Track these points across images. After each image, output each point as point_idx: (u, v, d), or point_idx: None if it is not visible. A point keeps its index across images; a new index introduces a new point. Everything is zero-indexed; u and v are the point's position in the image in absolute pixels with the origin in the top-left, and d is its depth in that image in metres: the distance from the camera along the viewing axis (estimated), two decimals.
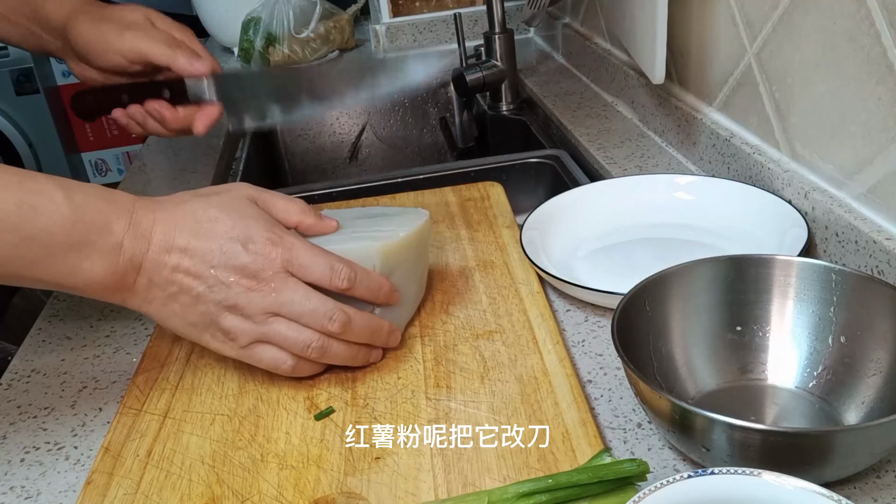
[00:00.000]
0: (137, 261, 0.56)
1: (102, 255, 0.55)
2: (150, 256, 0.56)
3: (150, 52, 0.77)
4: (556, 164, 1.05)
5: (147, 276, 0.57)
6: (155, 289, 0.57)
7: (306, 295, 0.57)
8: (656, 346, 0.57)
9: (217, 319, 0.58)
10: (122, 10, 0.78)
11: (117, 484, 0.53)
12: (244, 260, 0.57)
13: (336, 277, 0.58)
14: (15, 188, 0.53)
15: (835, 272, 0.55)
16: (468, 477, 0.50)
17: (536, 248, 0.73)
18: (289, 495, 0.51)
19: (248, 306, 0.57)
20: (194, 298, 0.57)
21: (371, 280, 0.60)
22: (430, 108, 1.53)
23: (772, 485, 0.40)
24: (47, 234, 0.53)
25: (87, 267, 0.55)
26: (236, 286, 0.57)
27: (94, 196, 0.56)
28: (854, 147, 0.66)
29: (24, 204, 0.53)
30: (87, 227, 0.54)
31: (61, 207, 0.54)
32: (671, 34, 0.90)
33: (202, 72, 0.79)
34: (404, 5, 1.59)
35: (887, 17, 0.59)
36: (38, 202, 0.53)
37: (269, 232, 0.58)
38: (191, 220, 0.57)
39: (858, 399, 0.53)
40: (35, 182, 0.54)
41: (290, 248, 0.58)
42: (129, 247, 0.56)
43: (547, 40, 1.53)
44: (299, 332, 0.58)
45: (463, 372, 0.60)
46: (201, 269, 0.57)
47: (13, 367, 0.69)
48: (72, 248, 0.54)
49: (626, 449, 0.53)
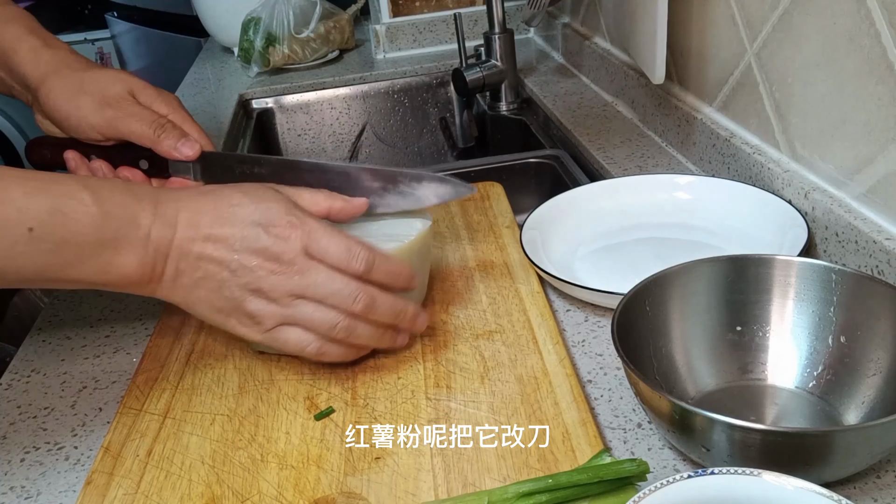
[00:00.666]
0: (164, 250, 0.57)
1: (133, 249, 0.56)
2: (176, 244, 0.57)
3: (132, 133, 0.69)
4: (556, 164, 1.05)
5: (174, 263, 0.57)
6: (182, 276, 0.58)
7: (329, 276, 0.58)
8: (656, 346, 0.57)
9: (242, 304, 0.58)
10: (103, 80, 0.70)
11: (117, 484, 0.53)
12: (265, 243, 0.57)
13: (354, 260, 0.58)
14: (45, 196, 0.53)
15: (835, 272, 0.55)
16: (468, 477, 0.50)
17: (536, 248, 0.73)
18: (289, 495, 0.51)
19: (272, 289, 0.57)
20: (219, 283, 0.58)
21: (390, 265, 0.60)
22: (430, 108, 1.53)
23: (772, 485, 0.40)
24: (80, 236, 0.54)
25: (119, 262, 0.55)
26: (259, 269, 0.57)
27: (119, 191, 0.56)
28: (854, 147, 0.66)
29: (56, 210, 0.53)
30: (117, 224, 0.55)
31: (90, 208, 0.54)
32: (671, 34, 0.90)
33: (189, 156, 0.70)
34: (404, 5, 1.59)
35: (887, 17, 0.59)
36: (68, 206, 0.53)
37: (290, 215, 0.58)
38: (213, 206, 0.58)
39: (858, 399, 0.53)
40: (60, 185, 0.54)
41: (309, 230, 0.58)
42: (156, 236, 0.56)
43: (547, 40, 1.53)
44: (325, 312, 0.58)
45: (463, 372, 0.60)
46: (224, 255, 0.57)
47: (13, 367, 0.69)
48: (103, 245, 0.55)
49: (626, 449, 0.53)
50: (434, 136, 1.54)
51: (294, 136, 1.49)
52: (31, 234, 0.52)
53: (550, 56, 1.48)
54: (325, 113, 1.49)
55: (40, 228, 0.52)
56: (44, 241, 0.52)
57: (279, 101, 1.48)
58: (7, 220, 0.51)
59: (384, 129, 1.52)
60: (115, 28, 2.84)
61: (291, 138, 1.49)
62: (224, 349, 0.66)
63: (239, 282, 0.57)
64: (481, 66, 1.28)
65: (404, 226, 0.66)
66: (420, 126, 1.53)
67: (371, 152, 1.54)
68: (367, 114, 1.51)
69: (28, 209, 0.52)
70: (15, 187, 0.52)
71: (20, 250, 0.52)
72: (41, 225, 0.52)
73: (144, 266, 0.56)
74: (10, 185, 0.52)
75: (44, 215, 0.52)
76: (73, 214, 0.53)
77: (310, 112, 1.49)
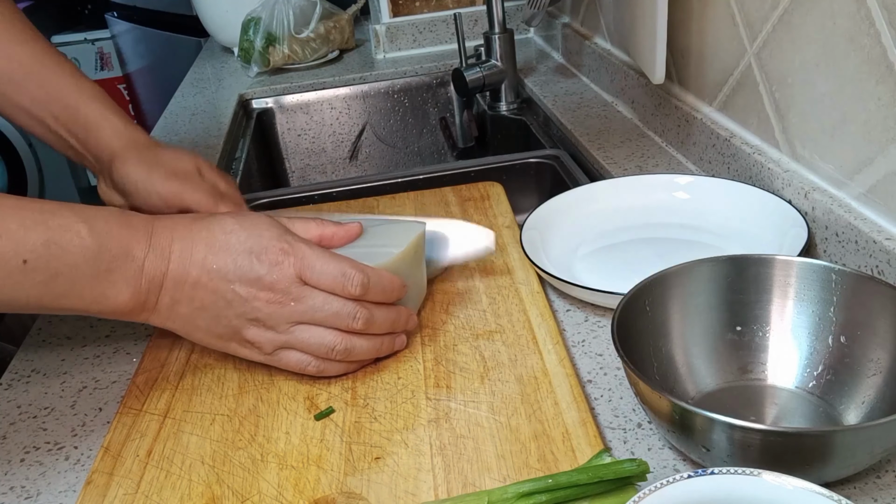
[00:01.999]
0: (158, 281, 0.57)
1: (126, 281, 0.56)
2: (171, 275, 0.57)
3: (193, 201, 0.73)
4: (556, 164, 1.05)
5: (169, 294, 0.57)
6: (178, 305, 0.58)
7: (325, 300, 0.58)
8: (656, 346, 0.57)
9: (241, 331, 0.59)
10: (174, 157, 0.75)
11: (117, 484, 0.53)
12: (259, 272, 0.57)
13: (349, 284, 0.58)
14: (41, 228, 0.53)
15: (835, 272, 0.55)
16: (468, 477, 0.50)
17: (536, 248, 0.73)
18: (289, 495, 0.51)
19: (269, 318, 0.58)
20: (216, 313, 0.58)
21: (384, 282, 0.61)
22: (430, 108, 1.53)
23: (772, 485, 0.40)
24: (74, 269, 0.54)
25: (112, 294, 0.56)
26: (255, 300, 0.57)
27: (115, 223, 0.57)
28: (854, 147, 0.66)
29: (51, 243, 0.53)
30: (111, 256, 0.55)
31: (85, 240, 0.54)
32: (671, 34, 0.90)
33: None
34: (404, 5, 1.59)
35: (887, 17, 0.59)
36: (64, 238, 0.54)
37: (281, 241, 0.58)
38: (206, 235, 0.58)
39: (858, 399, 0.53)
40: (56, 217, 0.54)
41: (301, 256, 0.58)
42: (150, 268, 0.56)
43: (547, 40, 1.53)
44: (323, 335, 0.59)
45: (463, 372, 0.60)
46: (219, 285, 0.57)
47: (13, 367, 0.69)
48: (97, 277, 0.55)
49: (626, 449, 0.53)
50: (434, 136, 1.54)
51: (294, 136, 1.49)
52: (25, 266, 0.52)
53: (550, 56, 1.48)
54: (325, 113, 1.49)
55: (35, 260, 0.52)
56: (38, 272, 0.53)
57: (279, 101, 1.48)
58: (2, 252, 0.52)
59: (384, 129, 1.52)
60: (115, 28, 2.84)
61: (291, 138, 1.49)
62: None
63: (236, 311, 0.58)
64: (481, 66, 1.28)
65: (397, 232, 0.66)
66: (420, 126, 1.53)
67: (371, 152, 1.54)
68: (367, 114, 1.51)
69: (23, 241, 0.52)
70: (11, 218, 0.53)
71: (14, 281, 0.52)
72: (36, 257, 0.52)
73: (138, 297, 0.57)
74: (5, 216, 0.52)
75: (38, 247, 0.53)
76: (68, 246, 0.54)
77: (310, 112, 1.49)
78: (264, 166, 1.43)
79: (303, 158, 1.51)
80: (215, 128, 1.28)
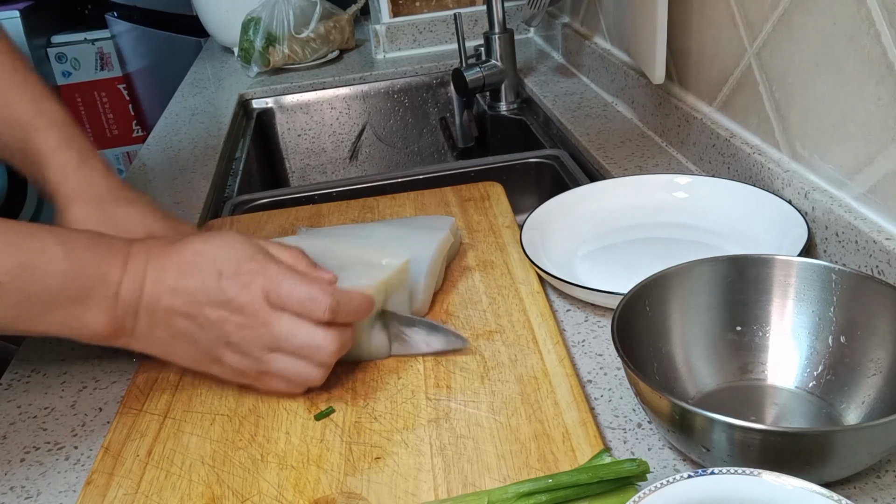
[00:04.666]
0: (133, 307, 0.56)
1: (101, 306, 0.56)
2: (145, 301, 0.56)
3: None
4: (556, 164, 1.05)
5: (144, 319, 0.57)
6: (155, 329, 0.57)
7: (292, 328, 0.56)
8: (656, 346, 0.57)
9: (218, 356, 0.58)
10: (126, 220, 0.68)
11: (117, 484, 0.53)
12: (229, 294, 0.56)
13: (317, 309, 0.55)
14: (14, 250, 0.53)
15: (835, 272, 0.55)
16: (468, 477, 0.50)
17: (536, 248, 0.73)
18: (289, 495, 0.51)
19: (242, 343, 0.56)
20: (191, 338, 0.57)
21: (354, 304, 0.58)
22: (430, 108, 1.53)
23: (772, 485, 0.40)
24: (48, 292, 0.54)
25: (88, 318, 0.56)
26: (226, 323, 0.56)
27: (91, 246, 0.56)
28: (854, 147, 0.66)
29: (26, 266, 0.53)
30: (85, 281, 0.55)
31: (60, 264, 0.54)
32: (671, 34, 0.90)
33: None
34: (404, 5, 1.59)
35: (887, 17, 0.59)
36: (39, 262, 0.54)
37: (251, 261, 0.57)
38: (177, 258, 0.57)
39: (858, 399, 0.53)
40: (33, 240, 0.54)
41: (270, 277, 0.56)
42: (125, 294, 0.56)
43: (547, 40, 1.53)
44: (295, 368, 0.57)
45: (463, 372, 0.60)
46: (191, 309, 0.56)
47: (13, 367, 0.69)
48: (71, 301, 0.55)
49: (626, 449, 0.53)
50: (434, 136, 1.54)
51: (294, 136, 1.49)
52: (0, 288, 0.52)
53: (550, 56, 1.48)
54: (325, 113, 1.49)
55: (8, 283, 0.52)
56: (11, 294, 0.53)
57: (279, 101, 1.48)
58: None
59: (384, 129, 1.52)
60: (115, 28, 2.84)
61: (291, 138, 1.49)
62: None
63: (209, 336, 0.57)
64: (481, 66, 1.28)
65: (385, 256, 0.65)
66: (420, 126, 1.53)
67: (371, 152, 1.54)
68: (367, 114, 1.51)
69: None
70: None
71: None
72: (9, 279, 0.52)
73: (115, 322, 0.56)
74: None
75: (13, 269, 0.53)
76: (43, 270, 0.53)
77: (310, 112, 1.49)
78: (264, 166, 1.43)
79: (303, 158, 1.51)
80: (215, 128, 1.28)
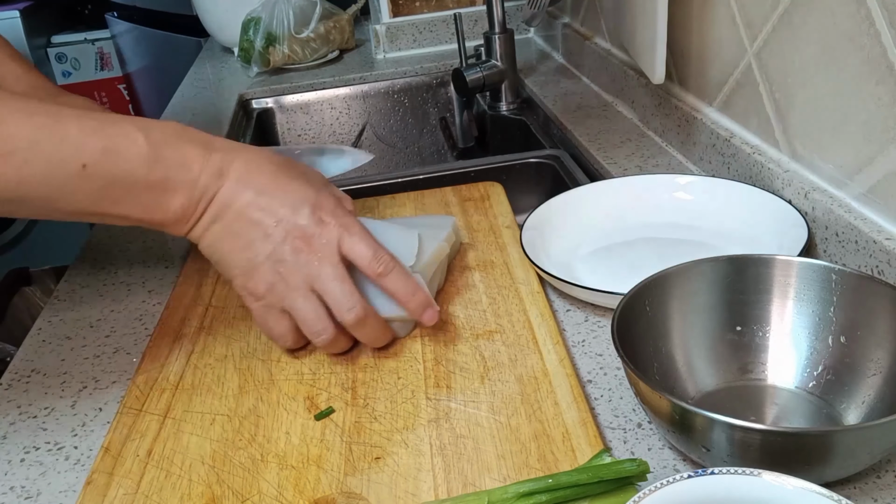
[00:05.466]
0: (210, 194, 0.59)
1: (181, 191, 0.58)
2: (224, 192, 0.59)
3: None
4: (556, 164, 1.05)
5: (214, 210, 0.59)
6: (216, 223, 0.60)
7: (342, 276, 0.60)
8: (656, 346, 0.57)
9: (258, 269, 0.60)
10: None
11: (117, 484, 0.53)
12: (306, 221, 0.60)
13: (375, 261, 0.60)
14: (99, 135, 0.55)
15: (835, 272, 0.55)
16: (468, 477, 0.50)
17: (536, 248, 0.73)
18: (289, 495, 0.51)
19: (289, 266, 0.59)
20: (246, 243, 0.60)
21: (407, 281, 0.62)
22: (430, 108, 1.53)
23: (772, 485, 0.40)
24: (131, 176, 0.55)
25: (166, 202, 0.57)
26: (287, 244, 0.59)
27: (173, 134, 0.58)
28: (854, 147, 0.66)
29: (109, 149, 0.55)
30: (167, 166, 0.57)
31: (142, 149, 0.56)
32: (671, 34, 0.90)
33: None
34: (404, 5, 1.59)
35: (887, 17, 0.59)
36: (122, 145, 0.55)
37: (338, 206, 0.62)
38: (271, 167, 0.61)
39: (858, 399, 0.53)
40: (116, 126, 0.56)
41: (347, 225, 0.61)
42: (204, 182, 0.58)
43: (547, 40, 1.53)
44: (315, 318, 0.60)
45: (463, 372, 0.60)
46: (264, 218, 0.59)
47: (13, 367, 0.69)
48: (153, 186, 0.57)
49: (626, 449, 0.53)
50: (434, 136, 1.54)
51: (294, 136, 1.49)
52: (84, 171, 0.54)
53: (550, 56, 1.48)
54: (325, 113, 1.49)
55: (93, 166, 0.54)
56: (96, 177, 0.54)
57: (279, 101, 1.48)
58: (62, 156, 0.53)
59: (384, 129, 1.52)
60: (115, 28, 2.84)
61: (291, 138, 1.49)
62: (224, 349, 0.66)
63: (264, 248, 0.59)
64: (481, 66, 1.28)
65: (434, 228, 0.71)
66: (420, 126, 1.53)
67: (371, 152, 1.53)
68: (367, 114, 1.51)
69: (83, 146, 0.54)
70: (71, 125, 0.54)
71: (73, 185, 0.54)
72: (94, 162, 0.54)
73: (189, 208, 0.58)
74: (67, 123, 0.54)
75: (97, 153, 0.54)
76: (126, 154, 0.55)
77: (310, 112, 1.49)
78: None
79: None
80: (215, 128, 1.28)
